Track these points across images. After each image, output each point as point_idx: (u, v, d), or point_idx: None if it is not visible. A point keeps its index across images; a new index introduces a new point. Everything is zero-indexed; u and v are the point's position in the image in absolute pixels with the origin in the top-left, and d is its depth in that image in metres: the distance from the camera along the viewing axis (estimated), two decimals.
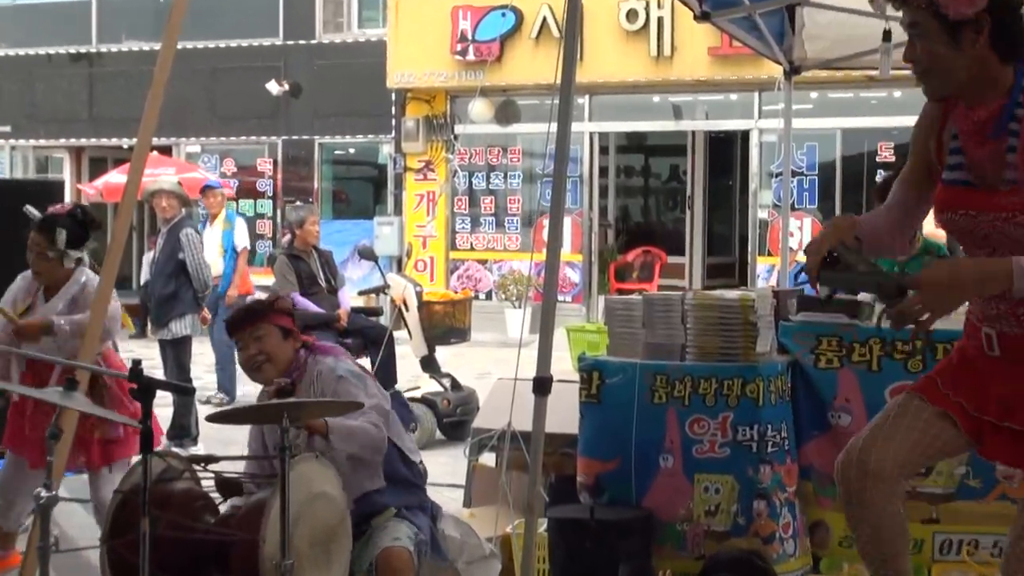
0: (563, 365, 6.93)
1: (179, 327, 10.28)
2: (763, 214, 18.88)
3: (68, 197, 19.43)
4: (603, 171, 20.97)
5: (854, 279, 3.39)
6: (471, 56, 19.38)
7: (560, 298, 18.24)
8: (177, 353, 10.33)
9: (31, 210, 6.62)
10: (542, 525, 5.38)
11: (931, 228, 10.89)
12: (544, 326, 5.11)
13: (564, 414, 5.63)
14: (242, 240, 12.74)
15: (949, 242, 6.71)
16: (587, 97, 19.39)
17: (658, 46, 18.57)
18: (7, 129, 23.27)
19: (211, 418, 4.37)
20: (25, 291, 6.24)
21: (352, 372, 4.88)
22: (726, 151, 21.59)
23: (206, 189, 13.14)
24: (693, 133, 20.90)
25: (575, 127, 8.42)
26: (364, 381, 4.88)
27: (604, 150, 21.02)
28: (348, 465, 4.63)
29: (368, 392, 4.81)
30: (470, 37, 19.36)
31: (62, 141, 23.17)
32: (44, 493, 4.33)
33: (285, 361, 4.85)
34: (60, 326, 6.02)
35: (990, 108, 3.41)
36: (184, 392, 8.84)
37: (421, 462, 5.14)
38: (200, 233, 10.88)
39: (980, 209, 3.41)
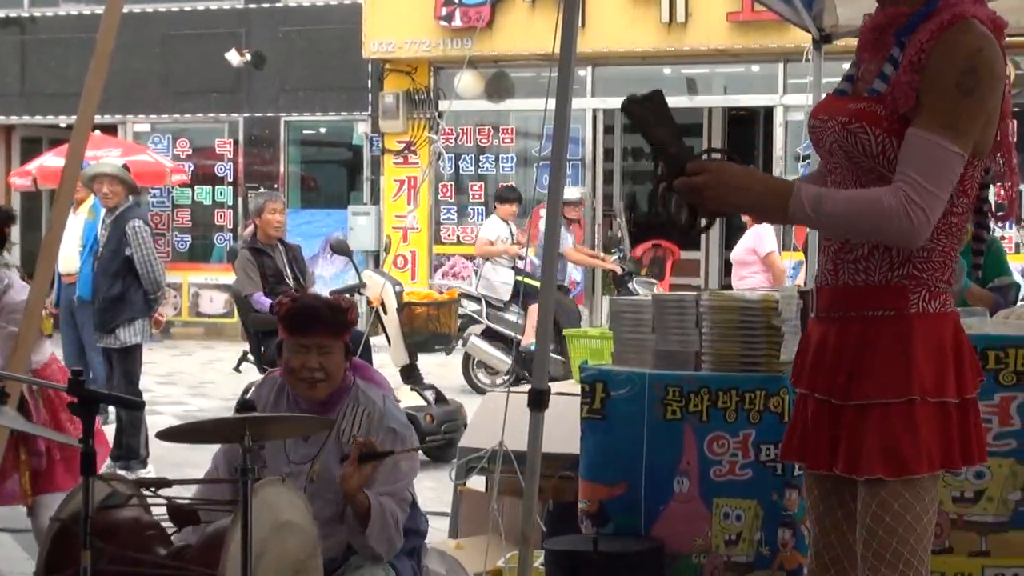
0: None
1: (127, 334, 10.27)
2: None
3: None
4: (608, 153, 20.98)
5: (652, 125, 3.48)
6: (458, 22, 19.38)
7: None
8: (125, 363, 10.34)
9: None
10: (538, 558, 5.38)
11: None
12: (541, 331, 5.12)
13: (563, 432, 5.63)
14: None
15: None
16: (589, 69, 19.39)
17: (670, 11, 18.57)
18: None
19: (162, 435, 4.36)
20: None
21: (403, 425, 4.83)
22: (747, 130, 21.59)
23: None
24: (710, 110, 20.90)
25: (576, 103, 8.40)
26: (410, 437, 4.85)
27: (609, 129, 21.02)
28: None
29: (412, 454, 4.82)
30: (457, 1, 19.36)
31: None
32: None
33: (338, 382, 4.81)
34: None
35: (898, 11, 3.54)
36: (132, 406, 8.81)
37: None
38: (150, 225, 10.85)
39: (830, 114, 3.56)
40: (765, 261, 12.60)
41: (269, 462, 4.80)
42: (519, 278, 14.79)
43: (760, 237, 12.68)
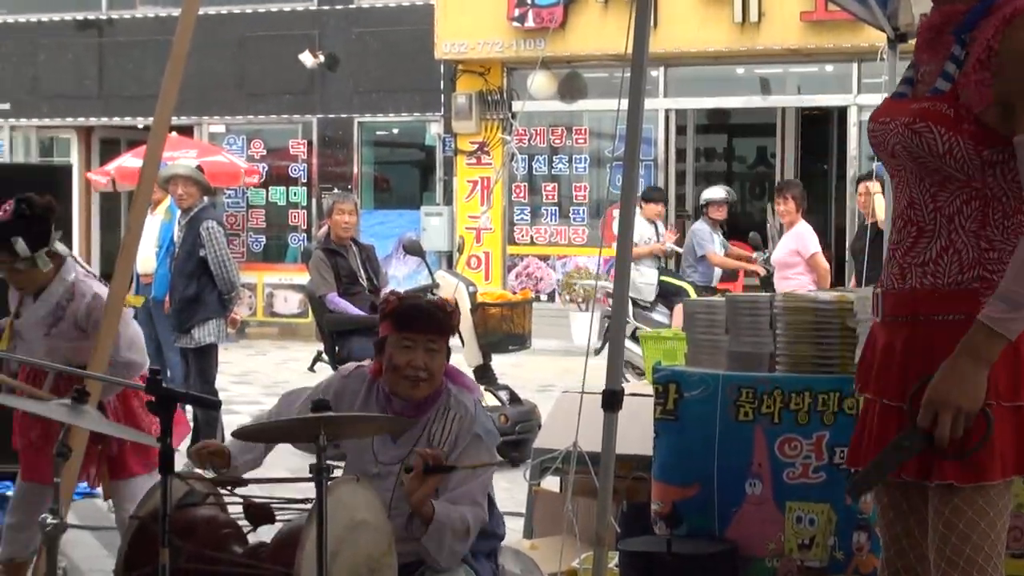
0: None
1: (203, 334, 10.36)
2: None
3: (76, 183, 19.65)
4: (680, 154, 20.92)
5: (882, 467, 3.46)
6: (531, 23, 19.39)
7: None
8: (201, 363, 10.42)
9: None
10: (612, 559, 5.38)
11: None
12: (614, 332, 5.11)
13: (637, 432, 5.63)
14: None
15: None
16: (662, 69, 19.35)
17: (743, 11, 18.50)
18: (6, 107, 23.43)
19: (238, 434, 4.40)
20: (13, 296, 6.28)
21: (489, 433, 4.83)
22: (821, 130, 21.46)
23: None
24: (783, 110, 20.80)
25: (648, 103, 8.34)
26: (495, 445, 4.86)
27: (681, 130, 20.97)
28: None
29: (493, 459, 4.82)
30: (530, 1, 19.37)
31: (69, 120, 23.32)
32: (50, 519, 4.38)
33: (438, 384, 4.80)
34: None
35: (954, 9, 3.52)
36: (209, 406, 8.88)
37: None
38: (224, 226, 10.93)
39: (892, 116, 3.53)
40: (809, 262, 12.52)
41: (356, 462, 4.82)
42: (664, 278, 14.79)
43: (803, 238, 12.63)
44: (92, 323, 5.99)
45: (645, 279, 14.93)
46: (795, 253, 12.62)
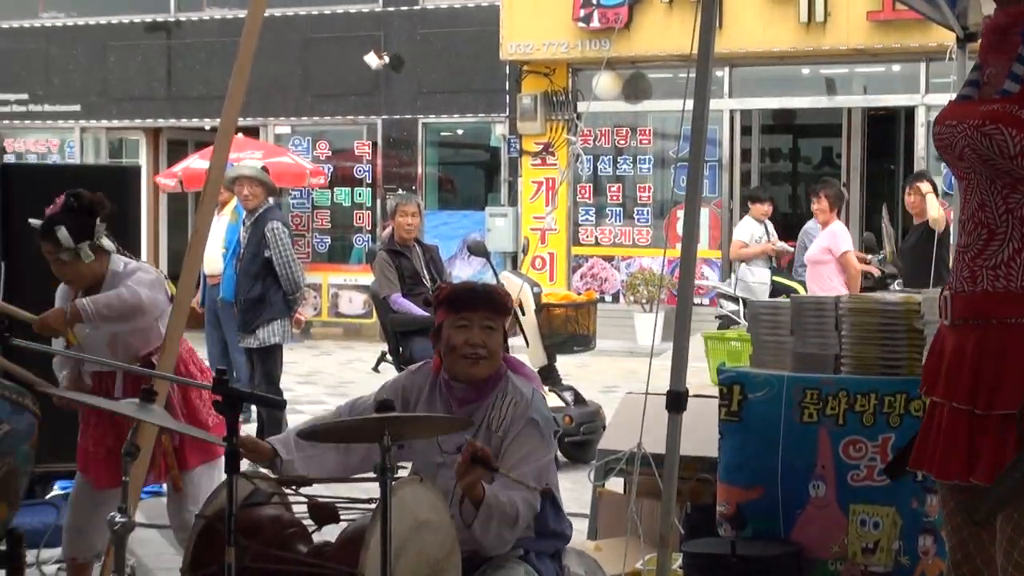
0: (700, 378, 6.89)
1: (267, 334, 10.42)
2: None
3: (144, 184, 19.79)
4: (745, 154, 20.85)
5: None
6: (596, 23, 19.38)
7: (697, 301, 18.13)
8: (266, 363, 10.48)
9: (33, 221, 6.60)
10: (676, 560, 5.37)
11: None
12: (679, 333, 5.10)
13: (701, 434, 5.62)
14: None
15: None
16: (727, 69, 19.29)
17: (809, 11, 18.41)
18: (77, 109, 23.65)
19: (303, 434, 4.42)
20: (66, 297, 6.34)
21: (546, 420, 4.82)
22: (887, 131, 21.33)
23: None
24: (849, 110, 20.69)
25: (713, 104, 8.33)
26: (551, 433, 4.84)
27: (746, 130, 20.90)
28: None
29: (549, 447, 4.80)
30: (595, 2, 19.36)
31: (137, 122, 23.51)
32: (119, 518, 4.42)
33: (498, 364, 4.83)
34: (83, 307, 5.93)
35: (1020, 10, 3.50)
36: (275, 405, 8.93)
37: None
38: (288, 227, 10.99)
39: (959, 119, 3.50)
40: (840, 260, 12.46)
41: (422, 453, 4.84)
42: (776, 278, 14.72)
43: (835, 236, 12.58)
44: (127, 275, 6.06)
45: (757, 279, 14.87)
46: (827, 251, 12.60)
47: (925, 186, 12.80)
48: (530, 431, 4.73)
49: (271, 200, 10.91)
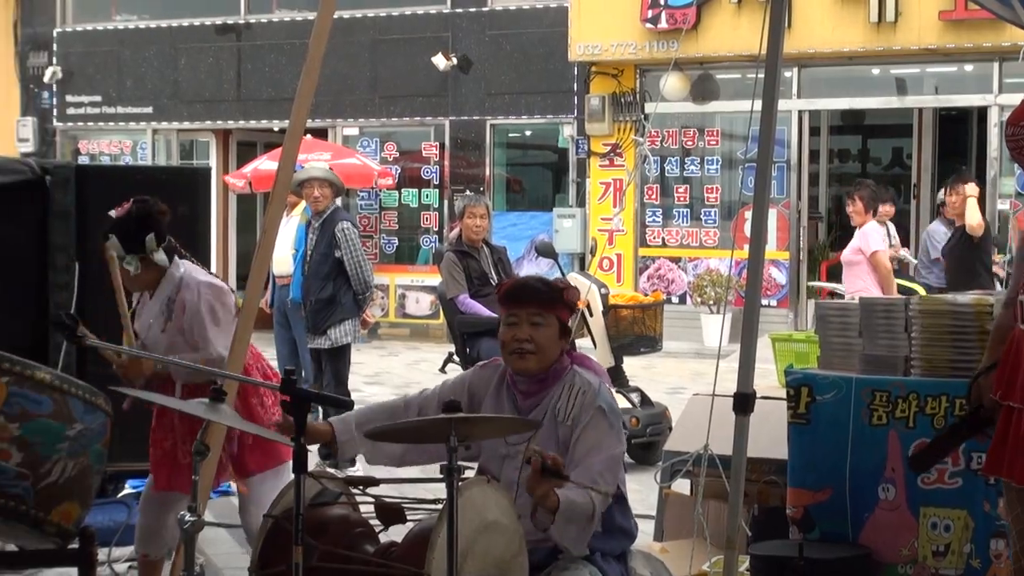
0: (768, 379, 6.87)
1: (338, 334, 10.47)
2: (1003, 205, 18.46)
3: (214, 185, 19.93)
4: (814, 155, 20.74)
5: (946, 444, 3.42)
6: (664, 24, 19.33)
7: (764, 302, 18.09)
8: (335, 363, 10.52)
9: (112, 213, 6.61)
10: (743, 563, 5.35)
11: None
12: (746, 334, 5.09)
13: (769, 436, 5.60)
14: None
15: None
16: (796, 70, 19.19)
17: (879, 10, 18.29)
18: (149, 110, 23.85)
19: (370, 435, 4.44)
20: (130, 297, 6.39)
21: (612, 409, 4.82)
22: (959, 131, 21.16)
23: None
24: (920, 111, 20.54)
25: (782, 104, 8.31)
26: (619, 424, 4.84)
27: (815, 131, 20.79)
28: None
29: (619, 438, 4.79)
30: (663, 2, 19.32)
31: (208, 124, 23.66)
32: (189, 517, 4.46)
33: (550, 360, 4.84)
34: (174, 370, 6.01)
35: None
36: (342, 406, 8.93)
37: None
38: (357, 227, 11.02)
39: None
40: (871, 260, 12.35)
41: (487, 446, 4.86)
42: (900, 281, 14.56)
43: (867, 236, 12.47)
44: (188, 318, 6.10)
45: None
46: (858, 251, 12.52)
47: (971, 188, 12.63)
48: (599, 419, 4.73)
49: (338, 201, 10.95)
